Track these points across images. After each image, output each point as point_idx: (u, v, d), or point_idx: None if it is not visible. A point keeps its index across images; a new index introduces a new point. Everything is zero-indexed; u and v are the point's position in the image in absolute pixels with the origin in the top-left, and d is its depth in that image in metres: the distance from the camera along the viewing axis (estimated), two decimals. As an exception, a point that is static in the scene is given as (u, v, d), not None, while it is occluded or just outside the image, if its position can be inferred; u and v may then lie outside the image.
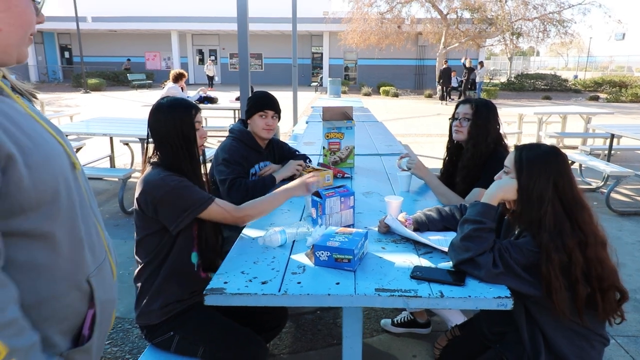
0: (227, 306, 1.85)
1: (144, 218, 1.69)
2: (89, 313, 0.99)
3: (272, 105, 2.52)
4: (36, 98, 1.00)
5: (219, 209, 1.71)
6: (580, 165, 6.13)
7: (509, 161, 1.60)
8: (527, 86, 24.57)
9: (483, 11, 20.28)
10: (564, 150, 5.61)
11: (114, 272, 1.10)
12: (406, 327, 2.68)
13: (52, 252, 0.89)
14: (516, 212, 1.55)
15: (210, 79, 23.51)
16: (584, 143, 7.92)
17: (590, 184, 5.99)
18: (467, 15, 21.41)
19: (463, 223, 1.54)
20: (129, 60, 27.30)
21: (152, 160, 1.76)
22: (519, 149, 1.59)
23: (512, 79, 25.88)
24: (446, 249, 1.59)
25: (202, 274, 1.85)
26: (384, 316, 2.84)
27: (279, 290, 1.38)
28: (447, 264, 1.54)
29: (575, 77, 31.65)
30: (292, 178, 2.54)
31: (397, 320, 2.71)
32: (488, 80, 27.52)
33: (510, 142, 5.20)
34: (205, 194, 1.71)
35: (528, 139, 8.40)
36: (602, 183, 5.83)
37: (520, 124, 8.74)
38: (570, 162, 5.72)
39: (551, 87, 24.33)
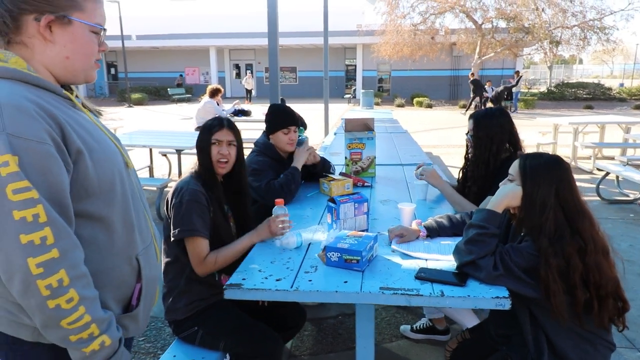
0: (248, 305, 2.01)
1: (167, 217, 1.88)
2: (137, 286, 1.18)
3: (293, 121, 2.65)
4: (101, 114, 1.23)
5: (198, 247, 1.81)
6: (617, 177, 5.96)
7: (513, 169, 1.65)
8: (568, 95, 23.86)
9: (519, 20, 19.92)
10: (602, 162, 5.49)
11: (157, 255, 1.29)
12: (425, 333, 2.73)
13: (109, 231, 1.10)
14: (519, 218, 1.61)
15: (249, 92, 23.85)
16: (623, 153, 7.67)
17: (628, 196, 5.81)
18: (502, 24, 21.08)
19: (468, 228, 1.61)
20: (181, 75, 28.33)
21: (194, 167, 1.99)
22: (523, 157, 1.65)
23: (552, 88, 25.20)
24: (449, 258, 1.66)
25: (223, 280, 1.98)
26: (404, 322, 2.90)
27: (291, 287, 1.50)
28: (451, 267, 1.62)
29: (621, 85, 30.45)
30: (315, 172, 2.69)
31: (416, 327, 2.77)
32: (526, 90, 26.91)
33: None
34: (201, 226, 1.81)
35: (563, 149, 8.22)
36: (640, 194, 5.64)
37: (556, 134, 8.55)
38: (605, 172, 5.62)
39: (594, 96, 23.52)
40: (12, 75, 0.99)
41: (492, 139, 2.26)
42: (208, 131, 1.93)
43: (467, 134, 2.43)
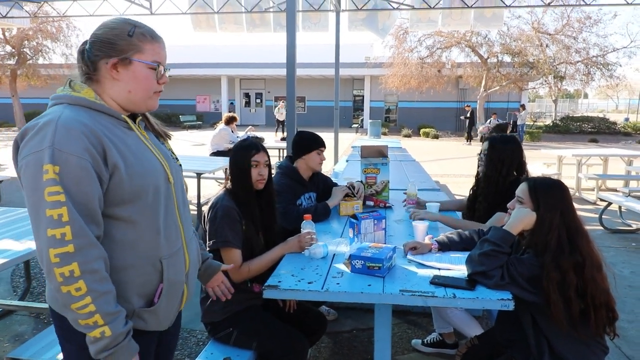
0: (277, 310, 2.22)
1: (203, 229, 2.11)
2: (159, 286, 1.33)
3: (324, 144, 2.98)
4: (170, 137, 1.47)
5: (232, 257, 2.05)
6: (620, 207, 6.15)
7: (523, 193, 1.86)
8: (573, 129, 24.18)
9: (524, 55, 20.46)
10: (604, 193, 5.76)
11: (186, 262, 1.42)
12: (435, 347, 2.90)
13: (136, 234, 1.27)
14: (526, 235, 1.82)
15: (281, 123, 20.32)
16: (626, 185, 7.86)
17: (630, 226, 5.98)
18: (507, 59, 21.64)
19: (484, 242, 1.81)
20: (232, 104, 28.94)
21: (226, 185, 2.22)
22: (531, 182, 1.87)
23: (557, 122, 25.57)
24: (459, 268, 1.88)
25: (255, 288, 2.20)
26: (415, 337, 3.07)
27: (322, 288, 1.73)
28: (461, 275, 1.83)
29: (626, 119, 30.76)
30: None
31: (427, 341, 2.94)
32: (531, 123, 27.28)
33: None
34: (233, 238, 2.05)
35: (567, 180, 8.40)
36: (643, 225, 5.81)
37: (560, 165, 8.78)
38: (607, 203, 5.81)
39: (599, 130, 23.82)
40: (80, 102, 1.23)
41: (503, 162, 2.53)
42: (247, 153, 2.17)
43: (479, 154, 2.69)
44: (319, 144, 2.94)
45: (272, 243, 2.22)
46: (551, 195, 1.79)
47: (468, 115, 19.31)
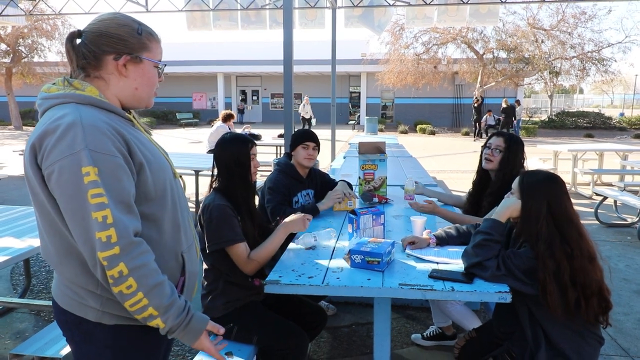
0: (277, 305, 2.25)
1: (200, 231, 2.12)
2: (180, 279, 1.36)
3: (312, 138, 2.94)
4: (151, 133, 1.44)
5: (237, 252, 2.05)
6: (615, 202, 6.20)
7: (514, 184, 1.92)
8: (569, 124, 24.27)
9: (519, 51, 20.51)
10: (600, 187, 5.81)
11: (197, 252, 1.47)
12: (435, 340, 2.94)
13: (160, 231, 1.28)
14: (519, 226, 1.86)
15: (307, 121, 18.26)
16: (621, 179, 7.92)
17: (625, 220, 6.04)
18: (503, 55, 21.69)
19: (475, 234, 1.86)
20: (242, 101, 28.94)
21: (214, 185, 2.20)
22: (523, 174, 1.91)
23: (553, 117, 25.66)
24: (457, 262, 1.90)
25: (255, 282, 2.23)
26: (414, 332, 3.11)
27: (322, 282, 1.75)
28: (459, 269, 1.86)
29: (621, 114, 30.90)
30: None
31: (426, 334, 2.98)
32: (527, 118, 27.37)
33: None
34: (234, 234, 2.04)
35: (563, 175, 8.46)
36: (637, 218, 5.87)
37: (556, 160, 8.84)
38: (602, 197, 5.86)
39: (594, 125, 23.92)
40: (88, 101, 1.19)
41: (516, 163, 2.62)
42: (246, 147, 2.16)
43: (485, 146, 2.71)
44: (302, 138, 2.93)
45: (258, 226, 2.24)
46: (536, 185, 1.83)
47: (475, 105, 19.16)
